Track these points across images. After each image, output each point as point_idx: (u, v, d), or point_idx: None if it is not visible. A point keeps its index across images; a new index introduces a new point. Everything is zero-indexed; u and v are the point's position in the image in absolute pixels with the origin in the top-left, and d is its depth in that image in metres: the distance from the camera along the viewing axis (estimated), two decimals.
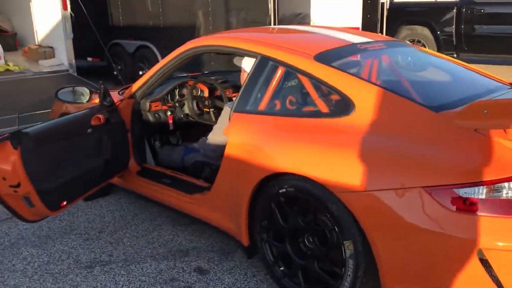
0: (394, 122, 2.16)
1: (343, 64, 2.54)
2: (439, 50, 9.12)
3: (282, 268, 2.44)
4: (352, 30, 3.30)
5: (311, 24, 8.34)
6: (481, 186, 1.85)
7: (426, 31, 9.23)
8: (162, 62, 3.17)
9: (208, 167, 3.17)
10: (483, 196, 1.85)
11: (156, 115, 3.47)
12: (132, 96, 3.32)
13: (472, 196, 1.86)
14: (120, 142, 3.18)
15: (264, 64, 2.64)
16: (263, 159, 2.40)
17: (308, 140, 2.28)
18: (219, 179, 2.69)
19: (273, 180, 2.37)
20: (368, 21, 7.93)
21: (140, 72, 8.22)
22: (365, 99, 2.25)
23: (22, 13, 8.51)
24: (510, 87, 2.66)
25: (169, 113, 3.52)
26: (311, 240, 2.32)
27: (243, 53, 2.80)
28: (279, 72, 2.58)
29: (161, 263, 2.79)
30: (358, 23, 8.03)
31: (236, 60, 3.15)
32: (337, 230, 2.13)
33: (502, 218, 1.83)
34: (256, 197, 2.47)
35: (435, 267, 1.93)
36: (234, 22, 6.63)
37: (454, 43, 8.83)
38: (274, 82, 2.58)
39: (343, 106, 2.29)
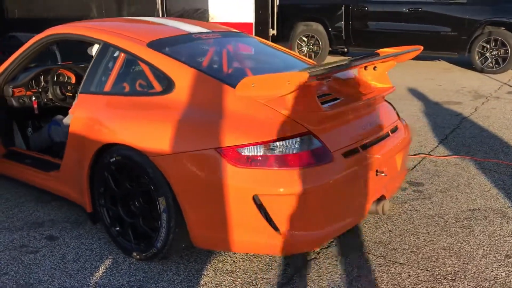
0: (203, 97, 2.56)
1: (172, 51, 2.91)
2: (331, 45, 9.86)
3: (117, 228, 2.78)
4: (197, 22, 3.68)
5: (210, 19, 8.74)
6: (259, 145, 2.30)
7: (320, 27, 9.90)
8: (21, 50, 3.39)
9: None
10: (261, 153, 2.30)
11: (21, 100, 3.67)
12: None
13: (252, 154, 2.30)
14: None
15: (106, 50, 2.97)
16: (98, 132, 2.72)
17: (134, 115, 2.63)
18: (66, 154, 2.98)
19: (106, 151, 2.70)
20: (260, 16, 8.45)
21: None
22: (184, 79, 2.64)
23: None
24: (309, 65, 3.15)
25: (33, 98, 3.74)
26: (138, 201, 2.68)
27: (89, 40, 3.10)
28: (118, 56, 2.91)
29: (15, 233, 3.03)
30: (252, 19, 8.55)
31: (89, 50, 3.44)
32: (153, 189, 2.50)
33: (273, 170, 2.28)
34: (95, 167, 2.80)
35: (227, 214, 2.35)
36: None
37: (344, 38, 9.57)
38: (114, 66, 2.91)
39: (167, 86, 2.66)
